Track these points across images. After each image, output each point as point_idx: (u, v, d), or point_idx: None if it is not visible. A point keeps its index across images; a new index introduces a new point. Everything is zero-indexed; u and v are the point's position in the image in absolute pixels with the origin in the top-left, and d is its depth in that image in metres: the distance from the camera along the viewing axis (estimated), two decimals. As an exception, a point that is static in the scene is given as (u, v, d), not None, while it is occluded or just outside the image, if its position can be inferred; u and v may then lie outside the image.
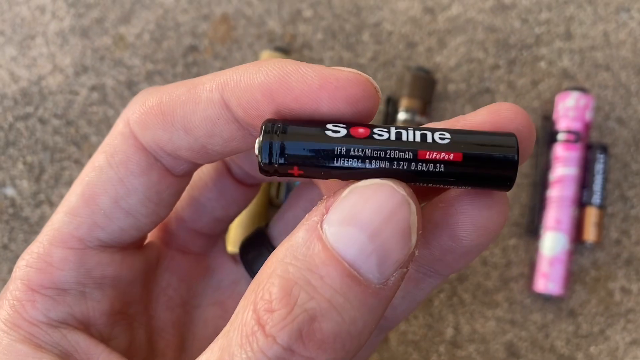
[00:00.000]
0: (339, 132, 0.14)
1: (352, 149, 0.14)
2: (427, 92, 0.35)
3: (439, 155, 0.14)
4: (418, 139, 0.14)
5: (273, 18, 0.37)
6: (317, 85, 0.15)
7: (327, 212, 0.14)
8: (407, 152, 0.14)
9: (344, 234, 0.14)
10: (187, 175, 0.19)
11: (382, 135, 0.14)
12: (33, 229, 0.35)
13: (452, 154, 0.14)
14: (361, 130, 0.14)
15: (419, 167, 0.14)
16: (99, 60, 0.37)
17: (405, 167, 0.14)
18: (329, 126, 0.15)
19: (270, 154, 0.14)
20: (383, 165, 0.14)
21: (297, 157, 0.14)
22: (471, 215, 0.16)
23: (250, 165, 0.22)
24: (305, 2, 0.37)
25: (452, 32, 0.37)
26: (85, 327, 0.18)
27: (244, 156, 0.21)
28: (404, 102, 0.35)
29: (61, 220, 0.18)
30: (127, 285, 0.20)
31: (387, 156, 0.14)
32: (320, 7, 0.37)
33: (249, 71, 0.16)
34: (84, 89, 0.36)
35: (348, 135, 0.14)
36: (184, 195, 0.22)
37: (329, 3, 0.37)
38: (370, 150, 0.14)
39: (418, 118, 0.35)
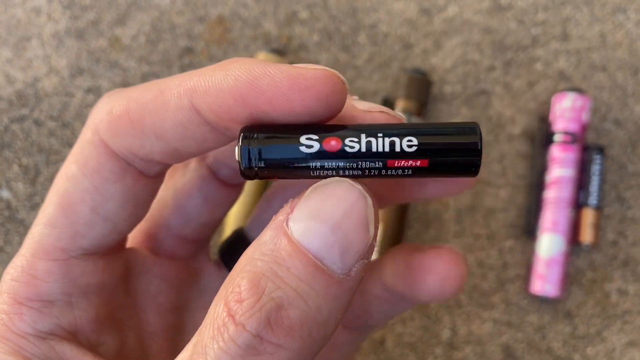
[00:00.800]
0: (312, 147, 0.15)
1: (325, 164, 0.16)
2: (423, 93, 0.35)
3: (406, 163, 0.16)
4: (387, 148, 0.15)
5: (269, 20, 0.37)
6: (287, 87, 0.15)
7: (292, 212, 0.15)
8: (377, 162, 0.16)
9: (308, 228, 0.15)
10: (161, 175, 0.19)
11: (353, 148, 0.15)
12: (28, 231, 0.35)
13: (419, 161, 0.16)
14: (333, 142, 0.15)
15: (389, 173, 0.16)
16: (94, 62, 0.37)
17: (376, 174, 0.16)
18: (302, 139, 0.15)
19: (249, 159, 0.16)
20: (356, 174, 0.16)
21: (274, 164, 0.16)
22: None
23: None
24: (301, 3, 0.37)
25: (448, 33, 0.37)
26: (73, 336, 0.18)
27: (233, 155, 0.21)
28: (400, 104, 0.35)
29: (41, 232, 0.18)
30: (111, 290, 0.20)
31: (359, 167, 0.16)
32: (316, 9, 0.37)
33: (217, 76, 0.16)
34: (80, 91, 0.36)
35: (321, 149, 0.15)
36: (170, 203, 0.22)
37: (325, 4, 0.37)
38: (343, 163, 0.16)
39: (414, 119, 0.35)
